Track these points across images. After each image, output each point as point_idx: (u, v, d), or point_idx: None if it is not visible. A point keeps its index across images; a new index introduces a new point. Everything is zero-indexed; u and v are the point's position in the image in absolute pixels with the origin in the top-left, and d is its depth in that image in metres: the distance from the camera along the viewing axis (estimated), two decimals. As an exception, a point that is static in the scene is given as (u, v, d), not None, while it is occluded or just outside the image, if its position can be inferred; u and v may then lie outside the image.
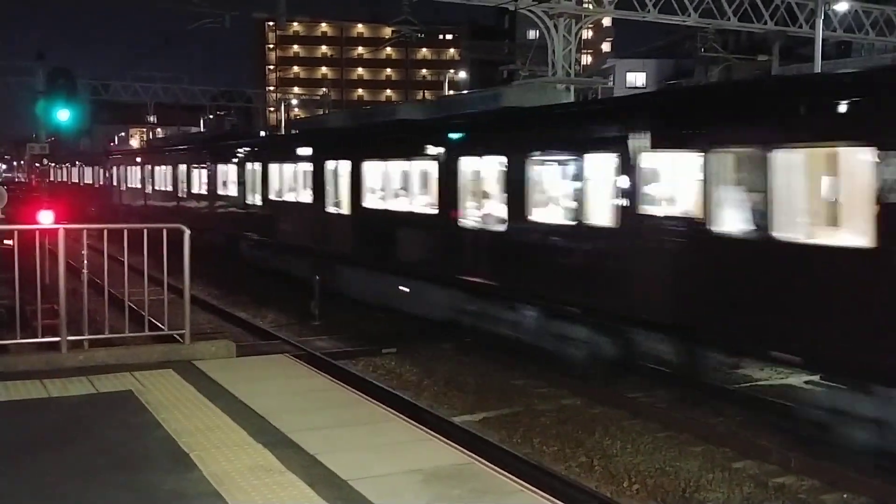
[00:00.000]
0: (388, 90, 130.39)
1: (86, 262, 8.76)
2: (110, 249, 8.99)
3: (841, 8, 32.79)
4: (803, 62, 28.73)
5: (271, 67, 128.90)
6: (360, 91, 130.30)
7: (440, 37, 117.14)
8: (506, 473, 5.75)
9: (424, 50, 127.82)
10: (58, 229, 8.74)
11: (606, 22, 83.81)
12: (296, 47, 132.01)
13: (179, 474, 5.56)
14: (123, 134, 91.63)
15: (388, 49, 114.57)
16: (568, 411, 11.67)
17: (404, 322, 16.70)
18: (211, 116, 63.31)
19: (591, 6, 31.07)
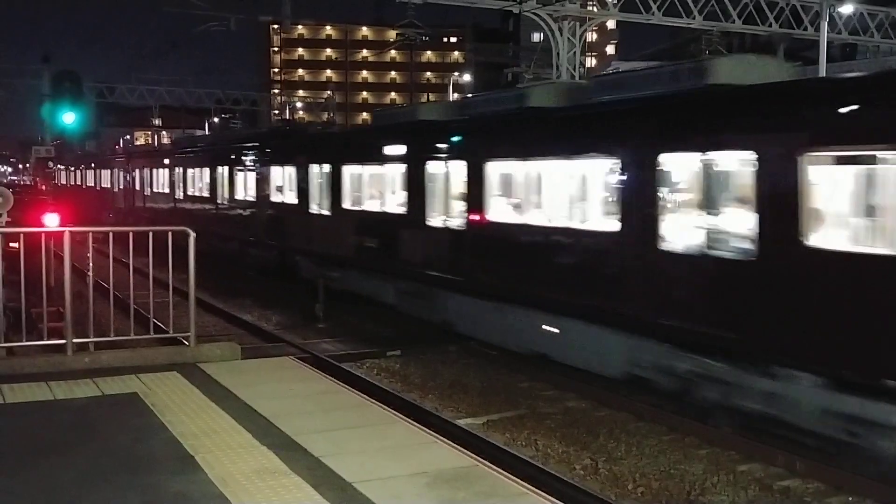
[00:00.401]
0: (392, 93, 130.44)
1: (91, 264, 8.80)
2: (116, 253, 9.02)
3: (846, 10, 32.65)
4: (808, 64, 28.60)
5: (276, 70, 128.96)
6: (364, 94, 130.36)
7: (445, 40, 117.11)
8: (511, 476, 5.76)
9: (429, 53, 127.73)
10: (63, 232, 8.77)
11: (611, 24, 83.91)
12: (300, 50, 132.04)
13: (185, 476, 5.58)
14: (129, 137, 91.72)
15: (393, 52, 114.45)
16: (573, 414, 11.67)
17: (409, 325, 16.68)
18: (216, 119, 63.32)
19: (595, 9, 31.00)
